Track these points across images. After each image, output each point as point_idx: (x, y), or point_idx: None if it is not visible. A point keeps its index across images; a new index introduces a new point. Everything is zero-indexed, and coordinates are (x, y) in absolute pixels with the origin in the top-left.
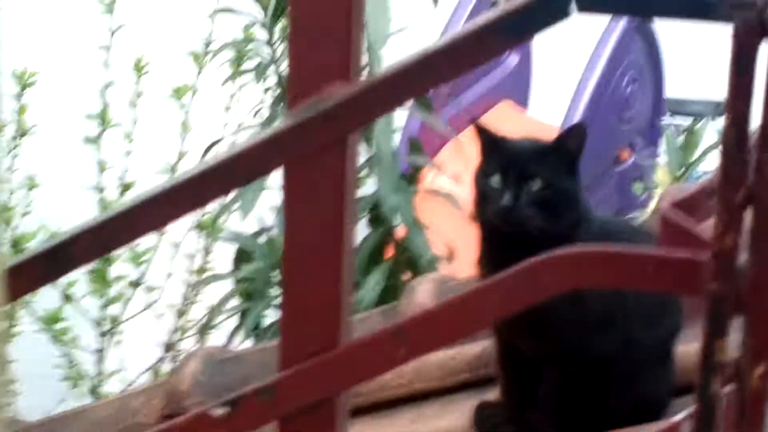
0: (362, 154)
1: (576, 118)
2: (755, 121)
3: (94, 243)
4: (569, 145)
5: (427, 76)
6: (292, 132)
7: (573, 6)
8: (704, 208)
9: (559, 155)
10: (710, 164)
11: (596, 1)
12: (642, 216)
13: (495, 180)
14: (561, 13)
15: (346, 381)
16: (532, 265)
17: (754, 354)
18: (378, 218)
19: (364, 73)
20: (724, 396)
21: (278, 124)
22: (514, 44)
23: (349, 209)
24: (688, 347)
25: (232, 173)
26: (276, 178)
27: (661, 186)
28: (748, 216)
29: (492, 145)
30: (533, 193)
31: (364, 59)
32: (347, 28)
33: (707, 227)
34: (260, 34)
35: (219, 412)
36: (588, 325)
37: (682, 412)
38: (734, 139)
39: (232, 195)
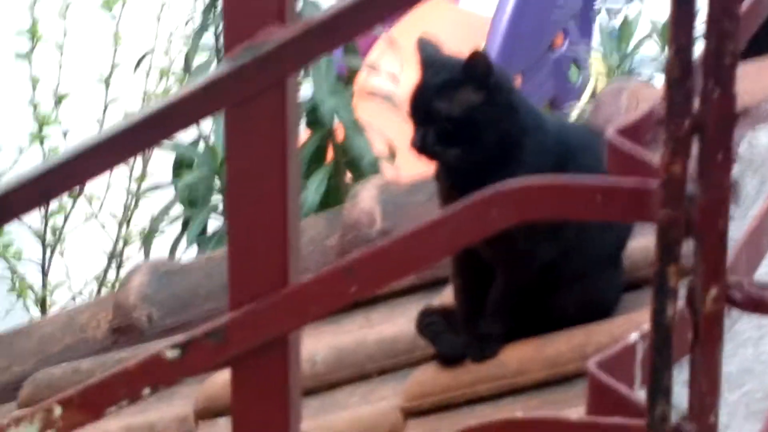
0: None
1: (508, 6)
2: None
3: (32, 194)
4: (476, 72)
5: (363, 16)
6: (230, 77)
7: None
8: (651, 134)
9: (467, 82)
10: (645, 52)
11: None
12: (578, 104)
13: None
14: None
15: (297, 320)
16: (478, 200)
17: (706, 278)
18: (316, 121)
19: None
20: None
21: (216, 70)
22: None
23: (292, 150)
24: (636, 242)
25: (171, 119)
26: None
27: (597, 75)
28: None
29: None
30: (437, 131)
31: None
32: None
33: (655, 154)
34: None
35: (170, 354)
36: (537, 231)
37: (636, 333)
38: (678, 68)
39: None
